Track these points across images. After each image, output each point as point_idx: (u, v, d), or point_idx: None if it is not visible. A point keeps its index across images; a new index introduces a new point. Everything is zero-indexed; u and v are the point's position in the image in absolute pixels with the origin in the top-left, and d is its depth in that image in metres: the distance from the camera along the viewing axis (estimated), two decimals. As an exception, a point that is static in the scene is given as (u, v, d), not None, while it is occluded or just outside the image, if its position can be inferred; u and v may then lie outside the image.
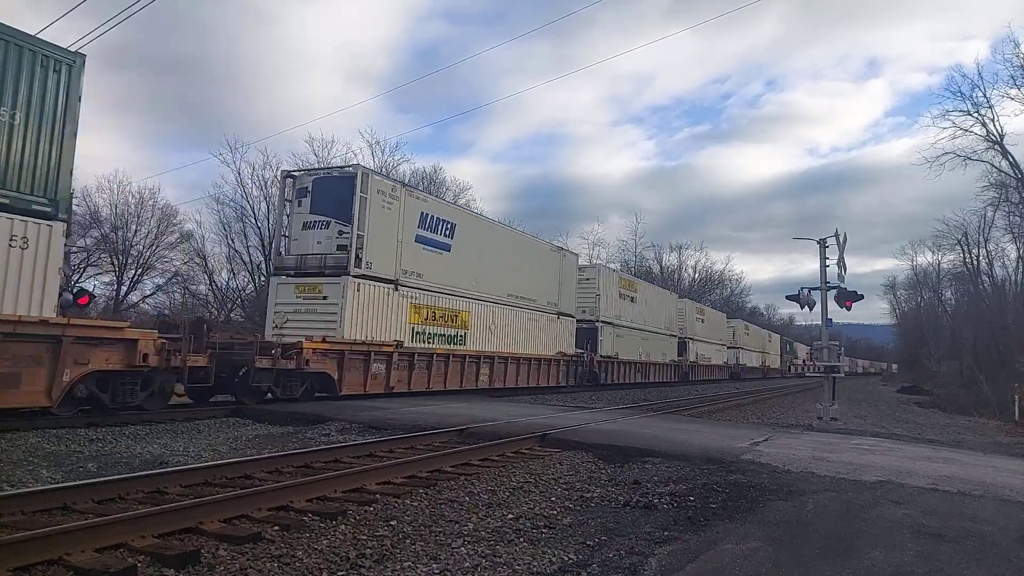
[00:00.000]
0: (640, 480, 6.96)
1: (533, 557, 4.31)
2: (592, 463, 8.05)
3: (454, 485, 6.46)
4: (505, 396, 18.62)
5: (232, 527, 4.66)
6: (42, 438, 8.39)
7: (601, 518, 5.41)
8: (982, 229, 49.03)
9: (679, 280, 73.98)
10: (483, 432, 9.79)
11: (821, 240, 15.95)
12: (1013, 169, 37.68)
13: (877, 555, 4.45)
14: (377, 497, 5.76)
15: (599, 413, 13.93)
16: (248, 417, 11.47)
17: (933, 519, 5.52)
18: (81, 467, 6.96)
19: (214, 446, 8.70)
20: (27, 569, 3.66)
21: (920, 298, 76.07)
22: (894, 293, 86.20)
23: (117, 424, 9.73)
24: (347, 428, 10.53)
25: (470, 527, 5.00)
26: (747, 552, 4.44)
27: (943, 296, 66.81)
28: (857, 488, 6.75)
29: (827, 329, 16.26)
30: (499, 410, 13.21)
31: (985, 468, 8.60)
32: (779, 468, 7.70)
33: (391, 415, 11.54)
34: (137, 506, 5.17)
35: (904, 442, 11.98)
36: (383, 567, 4.04)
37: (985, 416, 24.33)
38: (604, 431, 10.39)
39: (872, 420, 19.66)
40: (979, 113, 37.55)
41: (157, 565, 3.86)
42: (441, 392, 17.10)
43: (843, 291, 15.70)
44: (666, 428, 11.35)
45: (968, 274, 53.69)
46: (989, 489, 6.96)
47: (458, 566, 4.10)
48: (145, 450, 8.15)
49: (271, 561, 4.05)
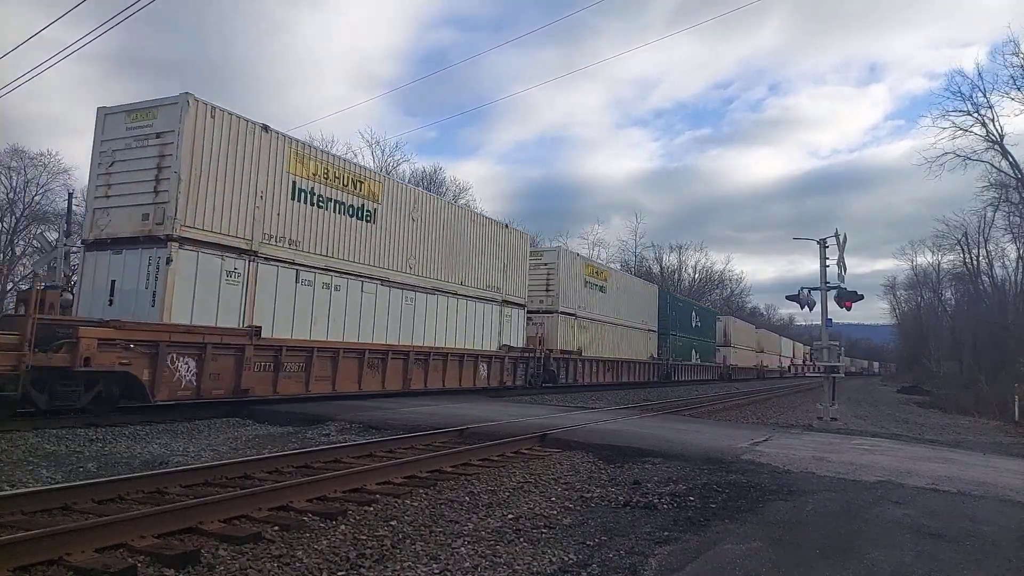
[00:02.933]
0: (640, 480, 6.96)
1: (533, 557, 4.31)
2: (592, 463, 8.05)
3: (454, 485, 6.46)
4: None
5: (232, 527, 4.66)
6: (42, 438, 8.39)
7: (601, 518, 5.41)
8: (982, 229, 49.19)
9: (679, 280, 74.07)
10: (483, 432, 9.79)
11: (821, 240, 15.95)
12: (1013, 169, 37.75)
13: (877, 555, 4.45)
14: (377, 497, 5.76)
15: (599, 413, 13.93)
16: (248, 417, 11.47)
17: (933, 519, 5.52)
18: (81, 467, 6.96)
19: (214, 446, 8.70)
20: (27, 569, 3.66)
21: (920, 298, 76.23)
22: (894, 293, 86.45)
23: (117, 424, 9.74)
24: (347, 428, 10.54)
25: (470, 527, 5.00)
26: (747, 552, 4.44)
27: (943, 296, 66.95)
28: (857, 488, 6.75)
29: (827, 329, 16.26)
30: (499, 410, 13.21)
31: (985, 468, 8.60)
32: (779, 468, 7.70)
33: (391, 415, 11.54)
34: (137, 506, 5.17)
35: (904, 442, 11.98)
36: (383, 567, 4.04)
37: (985, 416, 24.32)
38: (604, 431, 10.39)
39: (872, 420, 19.66)
40: (979, 113, 37.69)
41: (157, 565, 3.86)
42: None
43: (843, 291, 15.71)
44: (666, 428, 11.35)
45: (968, 274, 53.77)
46: (989, 489, 6.95)
47: (458, 566, 4.10)
48: (145, 450, 8.15)
49: (271, 561, 4.05)
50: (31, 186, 41.49)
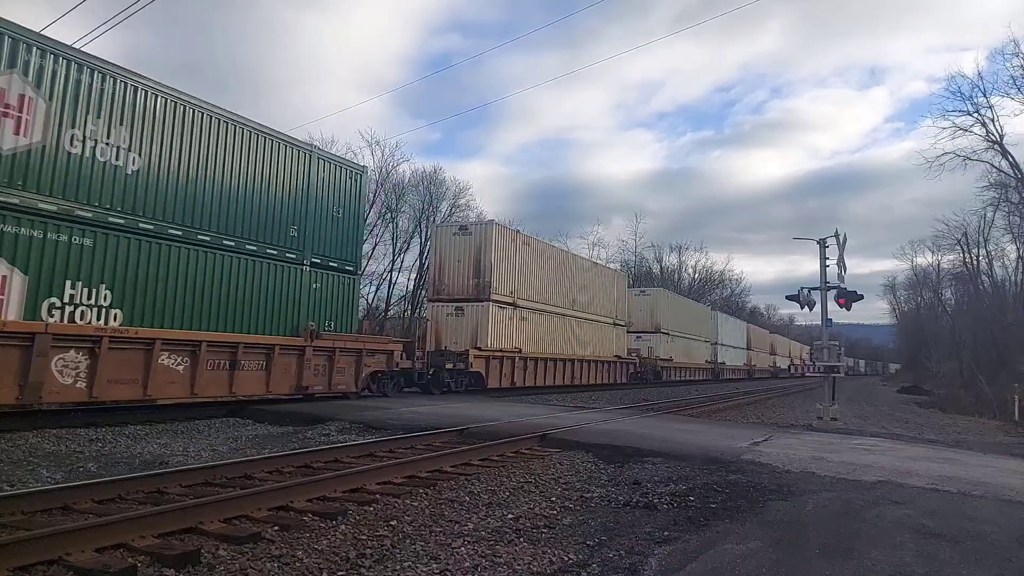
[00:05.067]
0: (640, 480, 6.96)
1: (533, 557, 4.31)
2: (592, 463, 8.05)
3: (454, 485, 6.46)
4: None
5: (232, 527, 4.66)
6: (42, 438, 8.40)
7: (601, 518, 5.41)
8: (982, 229, 49.15)
9: (679, 280, 74.00)
10: (483, 432, 9.79)
11: (821, 240, 15.92)
12: (1013, 169, 37.72)
13: (877, 555, 4.45)
14: (377, 497, 5.76)
15: (599, 413, 13.93)
16: (248, 417, 11.48)
17: (933, 519, 5.52)
18: (81, 467, 6.96)
19: (214, 446, 8.70)
20: (27, 569, 3.66)
21: (920, 298, 76.21)
22: (894, 293, 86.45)
23: (117, 424, 9.74)
24: (347, 428, 10.54)
25: (470, 527, 5.00)
26: (747, 552, 4.44)
27: (943, 296, 66.88)
28: (857, 488, 6.75)
29: (827, 329, 16.24)
30: (499, 410, 13.21)
31: (985, 468, 8.60)
32: (779, 468, 7.70)
33: (391, 415, 11.54)
34: (137, 506, 5.17)
35: (904, 442, 11.97)
36: (383, 567, 4.04)
37: (985, 416, 24.32)
38: (604, 431, 10.39)
39: (872, 420, 19.66)
40: (979, 113, 37.62)
41: (157, 565, 3.86)
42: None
43: (843, 291, 15.69)
44: (666, 428, 11.35)
45: (968, 274, 53.74)
46: (989, 489, 6.95)
47: (458, 566, 4.10)
48: (145, 450, 8.15)
49: (271, 561, 4.05)
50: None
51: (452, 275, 21.03)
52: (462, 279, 20.78)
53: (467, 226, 22.13)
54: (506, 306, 21.25)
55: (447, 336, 20.18)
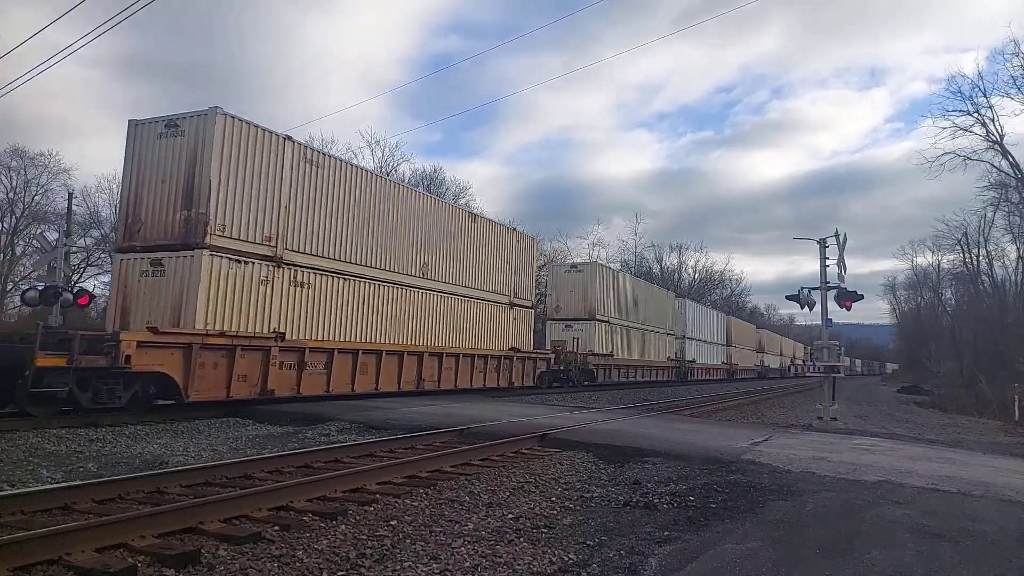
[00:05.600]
0: (640, 480, 6.96)
1: (533, 557, 4.31)
2: (592, 463, 8.05)
3: (454, 485, 6.46)
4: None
5: (232, 527, 4.66)
6: (42, 438, 8.40)
7: (601, 518, 5.41)
8: (982, 229, 49.27)
9: (679, 280, 74.03)
10: (483, 432, 9.79)
11: (821, 240, 15.92)
12: (1013, 169, 37.81)
13: (877, 555, 4.45)
14: (377, 497, 5.76)
15: (599, 413, 13.94)
16: (248, 417, 11.48)
17: (933, 519, 5.52)
18: (81, 467, 6.96)
19: (214, 446, 8.70)
20: (27, 569, 3.66)
21: (920, 298, 76.31)
22: (894, 293, 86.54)
23: (117, 424, 9.74)
24: (347, 428, 10.54)
25: (470, 527, 5.00)
26: (747, 552, 4.44)
27: (943, 296, 67.00)
28: (857, 488, 6.75)
29: (827, 329, 16.24)
30: (499, 410, 13.21)
31: (985, 468, 8.60)
32: (779, 468, 7.70)
33: (391, 415, 11.55)
34: (137, 506, 5.18)
35: (904, 442, 11.97)
36: (383, 567, 4.04)
37: (985, 416, 24.30)
38: (604, 431, 10.39)
39: (872, 420, 19.65)
40: (979, 113, 37.77)
41: (157, 565, 3.86)
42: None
43: (843, 291, 15.69)
44: (665, 428, 11.36)
45: (968, 274, 53.83)
46: (989, 489, 6.95)
47: (458, 566, 4.10)
48: (145, 450, 8.15)
49: (271, 561, 4.05)
50: (31, 186, 41.51)
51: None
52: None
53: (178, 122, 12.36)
54: (260, 260, 12.91)
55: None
